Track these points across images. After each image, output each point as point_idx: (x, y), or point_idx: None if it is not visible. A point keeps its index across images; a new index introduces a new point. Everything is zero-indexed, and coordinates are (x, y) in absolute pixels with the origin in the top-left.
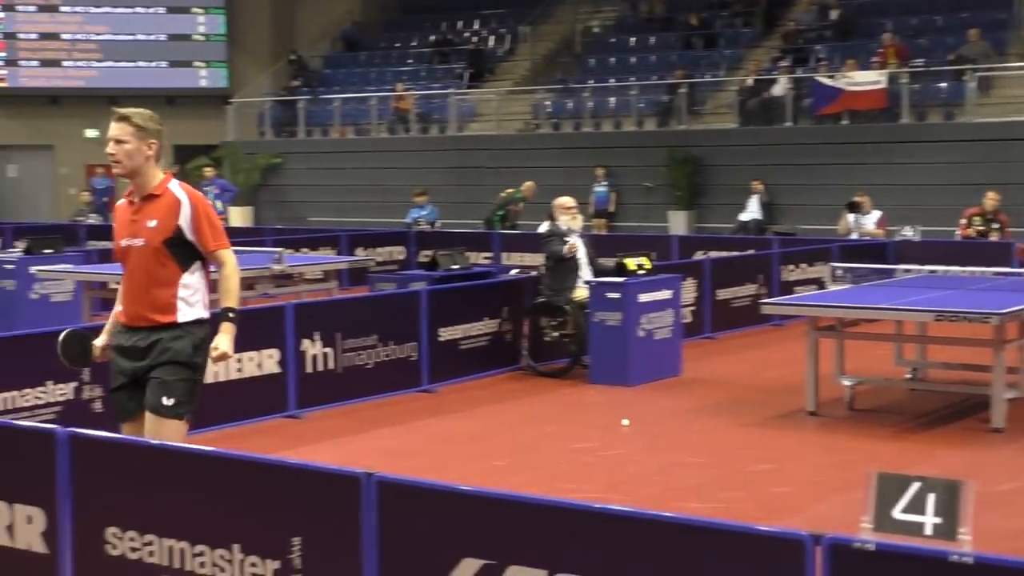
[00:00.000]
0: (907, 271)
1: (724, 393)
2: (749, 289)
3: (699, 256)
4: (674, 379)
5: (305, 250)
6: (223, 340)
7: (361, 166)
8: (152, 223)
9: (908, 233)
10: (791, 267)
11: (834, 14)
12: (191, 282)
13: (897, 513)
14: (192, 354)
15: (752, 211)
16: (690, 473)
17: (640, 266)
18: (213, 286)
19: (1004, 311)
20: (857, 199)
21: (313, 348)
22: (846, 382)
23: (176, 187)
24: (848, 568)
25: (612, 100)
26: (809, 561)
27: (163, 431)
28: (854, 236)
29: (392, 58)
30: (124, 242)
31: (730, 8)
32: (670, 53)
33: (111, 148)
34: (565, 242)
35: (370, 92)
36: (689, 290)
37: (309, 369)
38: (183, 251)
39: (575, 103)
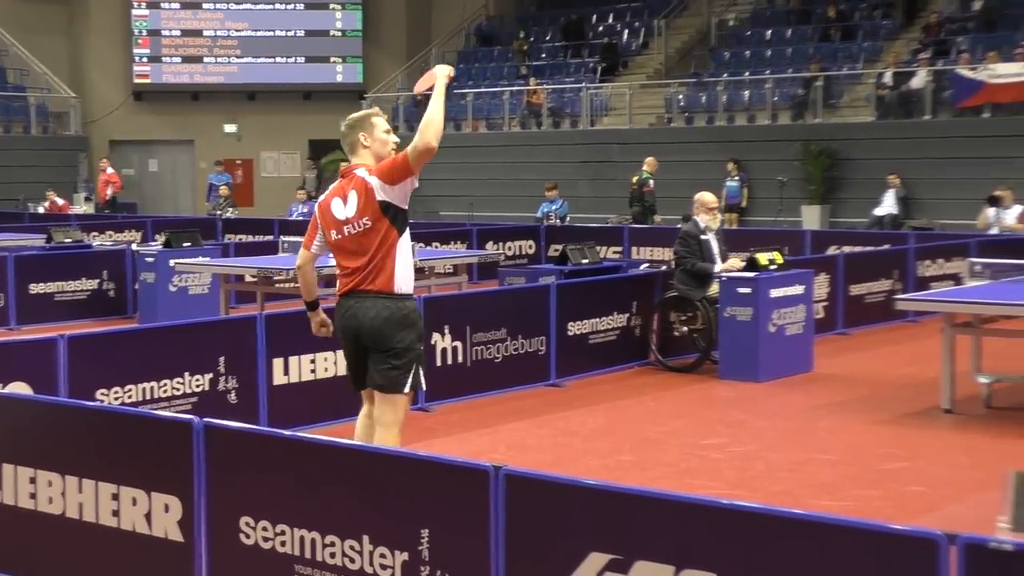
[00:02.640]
0: None
1: (857, 390)
2: (883, 285)
3: (832, 251)
4: (805, 375)
5: (436, 244)
6: None
7: (492, 160)
8: None
9: None
10: (927, 262)
11: (977, 5)
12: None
13: None
14: None
15: (888, 205)
16: (821, 470)
17: (772, 261)
18: None
19: None
20: (998, 193)
21: (443, 342)
22: (983, 379)
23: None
24: (984, 568)
25: (746, 93)
26: (943, 561)
27: None
28: (994, 231)
29: (527, 52)
30: None
31: (869, 0)
32: (807, 46)
33: (394, 137)
34: (708, 250)
35: (503, 87)
36: (822, 285)
37: (439, 363)
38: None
39: (708, 97)
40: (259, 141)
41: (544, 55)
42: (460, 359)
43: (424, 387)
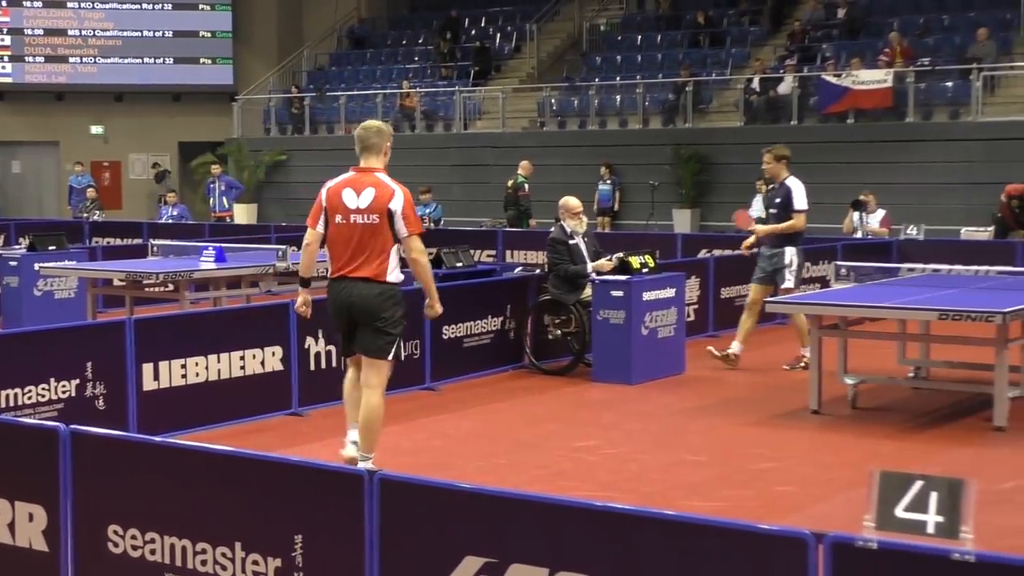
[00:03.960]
0: (911, 270)
1: (727, 391)
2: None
3: (703, 254)
4: (677, 377)
5: None
6: None
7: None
8: None
9: (912, 232)
10: None
11: (841, 13)
12: None
13: (900, 511)
14: None
15: (757, 209)
16: (693, 471)
17: (644, 264)
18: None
19: (1007, 310)
20: (862, 198)
21: (316, 346)
22: (849, 381)
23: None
24: (850, 566)
25: (618, 98)
26: (812, 559)
27: None
28: (858, 235)
29: (398, 56)
30: None
31: (737, 6)
32: (676, 51)
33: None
34: (577, 253)
35: (376, 90)
36: (693, 288)
37: (312, 367)
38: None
39: (580, 101)
40: (127, 143)
41: (417, 58)
42: (334, 363)
43: (403, 358)
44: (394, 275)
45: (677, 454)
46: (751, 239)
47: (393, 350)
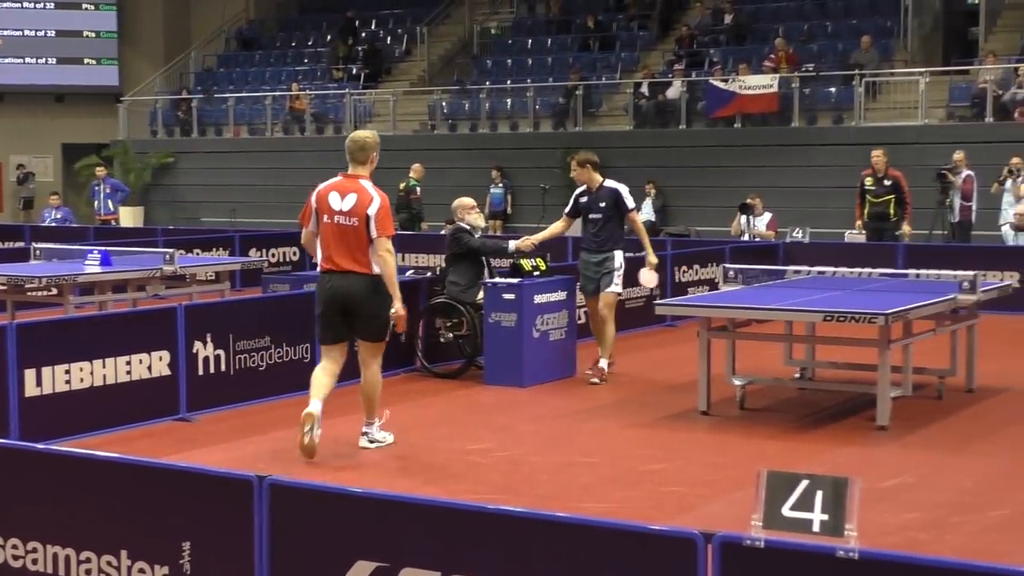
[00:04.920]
0: (797, 272)
1: (618, 393)
2: (643, 290)
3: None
4: (569, 380)
5: (197, 251)
6: None
7: (255, 166)
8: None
9: (798, 234)
10: (684, 268)
11: (728, 19)
12: None
13: (786, 510)
14: None
15: (646, 213)
16: (585, 473)
17: (535, 267)
18: None
19: (889, 311)
20: (749, 201)
21: (205, 350)
22: (737, 382)
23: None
24: (738, 565)
25: (509, 101)
26: (701, 559)
27: None
28: (746, 237)
29: (288, 57)
30: None
31: (626, 11)
32: (566, 55)
33: None
34: (481, 239)
35: (265, 92)
36: None
37: (201, 371)
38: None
39: (471, 104)
40: (8, 144)
41: (307, 60)
42: (223, 368)
43: (388, 340)
44: (372, 267)
45: (569, 456)
46: None
47: (386, 332)
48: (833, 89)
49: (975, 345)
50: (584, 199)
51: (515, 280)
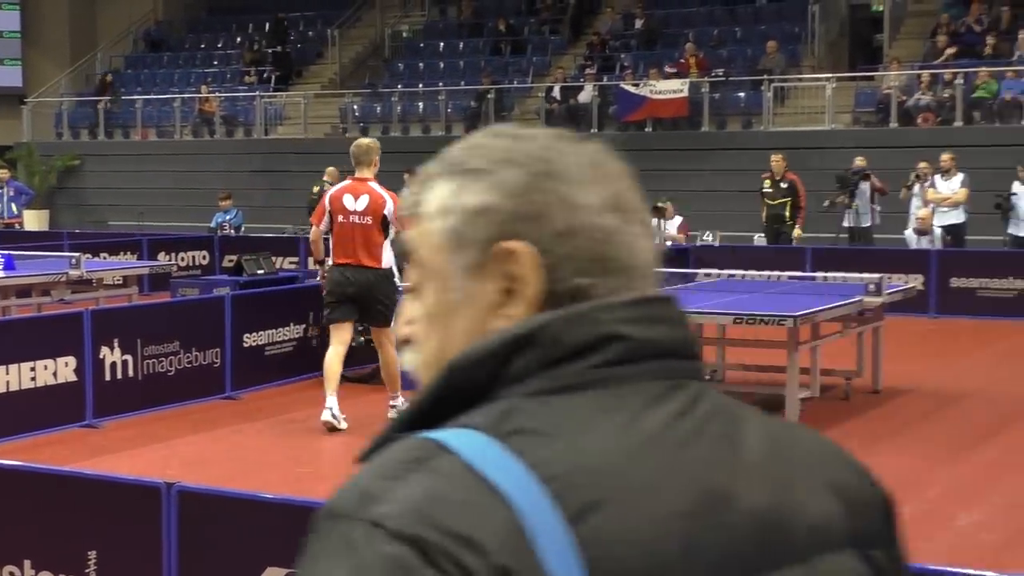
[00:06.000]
0: (707, 275)
1: None
2: None
3: None
4: None
5: (104, 255)
6: None
7: (164, 169)
8: None
9: (708, 238)
10: None
11: (639, 24)
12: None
13: None
14: None
15: None
16: None
17: None
18: None
19: (798, 314)
20: (660, 205)
21: (112, 355)
22: None
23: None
24: None
25: (420, 105)
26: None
27: None
28: (657, 241)
29: (197, 59)
30: None
31: (538, 15)
32: (478, 58)
33: None
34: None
35: (174, 94)
36: None
37: (108, 377)
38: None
39: (383, 107)
40: None
41: (216, 62)
42: (131, 373)
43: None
44: (387, 261)
45: None
46: None
47: (395, 317)
48: (742, 94)
49: (881, 346)
50: None
51: None
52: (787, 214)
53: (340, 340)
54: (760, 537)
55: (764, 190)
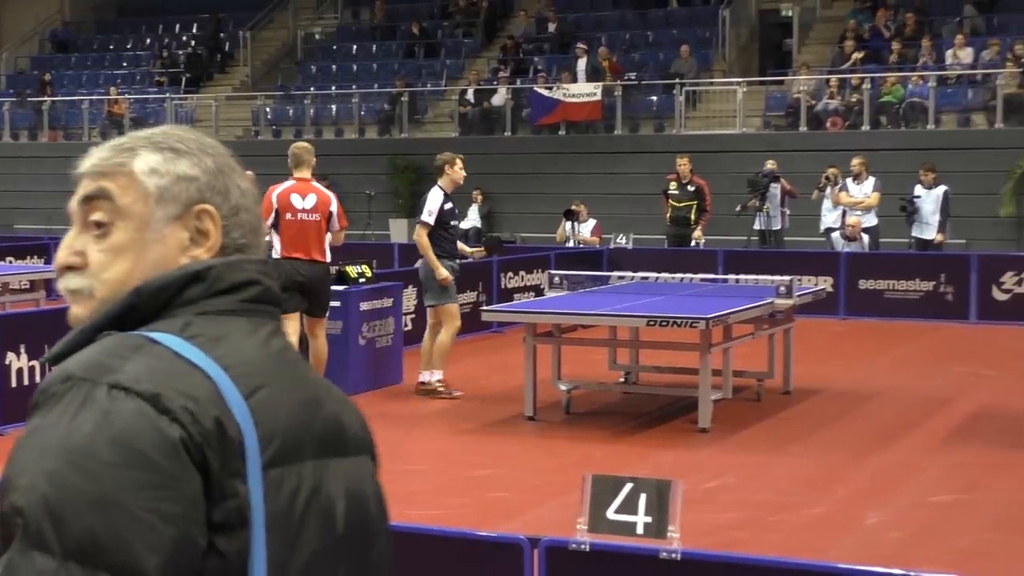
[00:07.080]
0: (621, 278)
1: (445, 400)
2: (469, 296)
3: (420, 264)
4: (396, 387)
5: (10, 259)
6: None
7: (71, 172)
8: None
9: (621, 241)
10: (510, 274)
11: (552, 27)
12: None
13: (611, 514)
14: None
15: (472, 219)
16: (412, 481)
17: (361, 274)
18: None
19: (710, 316)
20: (574, 207)
21: (19, 361)
22: (563, 387)
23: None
24: (564, 569)
25: (334, 108)
26: (527, 563)
27: None
28: (571, 244)
29: (106, 61)
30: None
31: (451, 18)
32: (391, 61)
33: None
34: None
35: (82, 95)
36: (410, 298)
37: (14, 383)
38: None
39: (296, 110)
40: None
41: (126, 64)
42: (38, 379)
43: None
44: (328, 255)
45: (397, 464)
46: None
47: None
48: (655, 98)
49: (792, 348)
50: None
51: (341, 287)
52: (692, 216)
53: (291, 330)
54: (334, 434)
55: (669, 191)
